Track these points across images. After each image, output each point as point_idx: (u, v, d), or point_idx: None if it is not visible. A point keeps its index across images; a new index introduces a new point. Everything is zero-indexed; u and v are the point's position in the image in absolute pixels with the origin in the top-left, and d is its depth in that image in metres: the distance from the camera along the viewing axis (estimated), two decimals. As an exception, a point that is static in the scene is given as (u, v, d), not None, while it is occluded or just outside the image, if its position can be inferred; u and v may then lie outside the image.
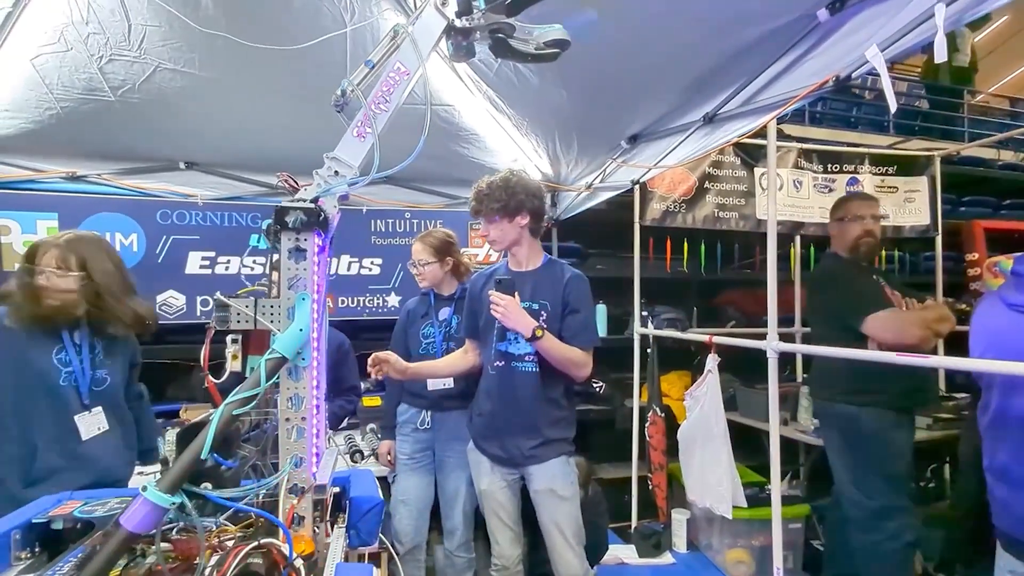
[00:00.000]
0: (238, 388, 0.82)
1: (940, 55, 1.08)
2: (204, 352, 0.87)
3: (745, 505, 2.39)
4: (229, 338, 0.92)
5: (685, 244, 3.71)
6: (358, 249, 3.00)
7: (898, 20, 1.18)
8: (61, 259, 1.57)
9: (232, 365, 0.91)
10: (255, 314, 0.88)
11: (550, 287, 1.82)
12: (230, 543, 0.94)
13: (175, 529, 0.96)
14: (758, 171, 3.43)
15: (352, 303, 3.01)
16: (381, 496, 1.28)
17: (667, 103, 2.02)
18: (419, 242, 2.23)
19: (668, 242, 3.62)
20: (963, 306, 2.16)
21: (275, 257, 0.93)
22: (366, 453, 2.43)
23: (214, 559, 0.86)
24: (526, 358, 1.81)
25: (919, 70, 6.41)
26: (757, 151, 3.40)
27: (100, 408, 1.64)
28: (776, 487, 2.20)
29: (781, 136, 3.94)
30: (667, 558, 3.03)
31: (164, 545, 0.92)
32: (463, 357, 2.00)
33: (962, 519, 2.66)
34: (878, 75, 1.23)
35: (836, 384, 2.23)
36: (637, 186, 2.90)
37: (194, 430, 0.82)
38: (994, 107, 7.35)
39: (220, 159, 2.72)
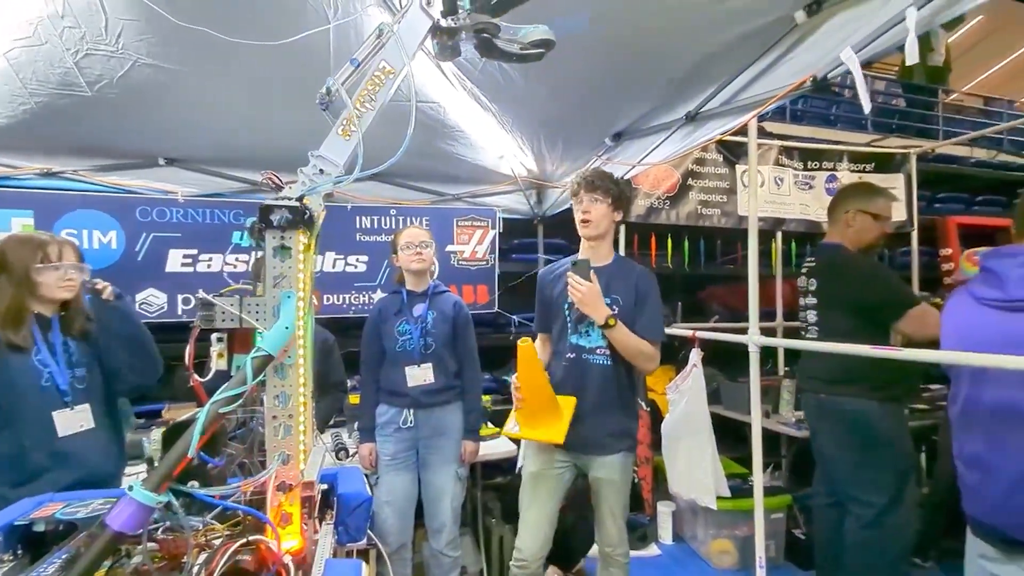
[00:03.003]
0: (224, 386, 0.82)
1: (912, 57, 1.12)
2: (189, 351, 0.86)
3: (729, 495, 2.43)
4: (214, 336, 0.91)
5: (669, 240, 3.76)
6: (344, 246, 2.99)
7: (872, 22, 1.21)
8: (77, 255, 1.65)
9: (218, 364, 0.91)
10: (240, 312, 0.88)
11: (623, 282, 1.86)
12: (218, 542, 0.94)
13: (161, 529, 0.96)
14: (740, 168, 3.49)
15: (338, 301, 2.99)
16: (369, 492, 1.29)
17: (650, 101, 2.04)
18: (415, 228, 2.26)
19: (653, 239, 3.66)
20: (937, 300, 2.19)
21: (259, 255, 0.93)
22: (351, 451, 2.43)
23: (202, 557, 0.86)
24: (598, 351, 1.85)
25: (896, 69, 6.53)
26: (739, 148, 3.45)
27: (86, 405, 1.63)
28: (758, 478, 2.24)
29: (763, 133, 3.99)
30: (653, 549, 3.09)
31: (150, 545, 0.91)
32: (544, 350, 2.00)
33: (938, 506, 2.75)
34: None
35: (852, 379, 2.13)
36: (621, 183, 2.92)
37: (179, 429, 0.82)
38: (968, 106, 7.52)
39: (201, 155, 2.69)
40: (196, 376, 0.88)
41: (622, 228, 3.14)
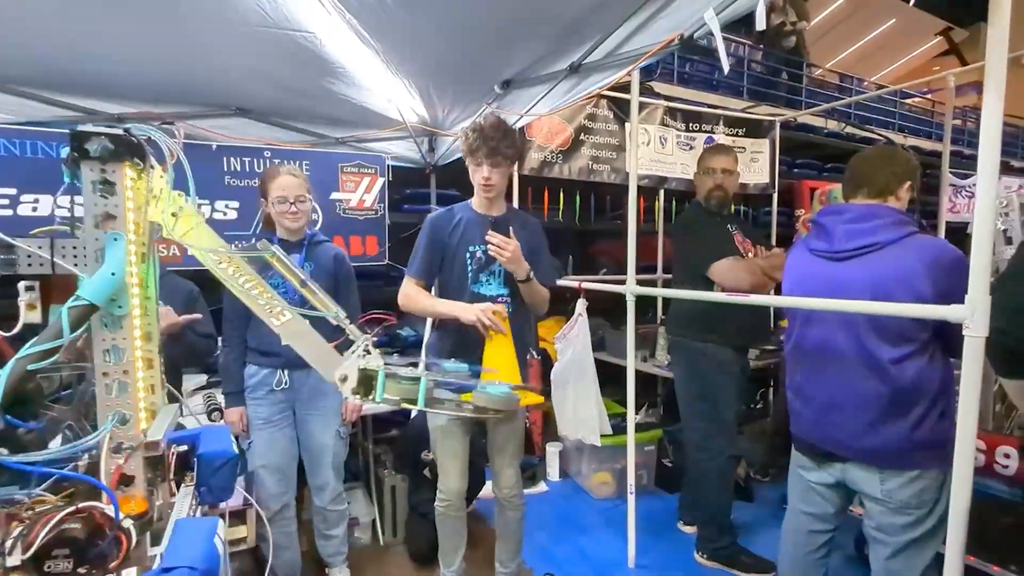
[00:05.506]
0: (35, 340, 0.72)
1: (760, 23, 1.20)
2: (-17, 301, 0.73)
3: (611, 432, 2.64)
4: (22, 285, 0.78)
5: (562, 195, 3.85)
6: (209, 191, 2.67)
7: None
8: None
9: (28, 316, 0.78)
10: (52, 256, 0.76)
11: (519, 231, 1.88)
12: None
13: (-29, 506, 0.84)
14: (629, 126, 3.61)
15: (207, 251, 2.71)
16: (236, 450, 1.22)
17: (537, 50, 2.01)
18: (290, 176, 2.02)
19: (546, 192, 3.72)
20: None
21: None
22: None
23: (18, 530, 0.77)
24: (499, 299, 1.87)
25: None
26: (628, 106, 3.55)
27: None
28: (631, 416, 2.47)
29: (651, 93, 4.16)
30: (542, 487, 3.31)
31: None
32: (417, 295, 1.94)
33: (776, 432, 3.23)
34: (732, 39, 1.33)
35: (687, 323, 2.45)
36: (515, 134, 2.90)
37: (-24, 391, 0.70)
38: (828, 81, 8.38)
39: (15, 74, 2.21)
40: (-2, 331, 0.75)
41: (515, 181, 3.15)
